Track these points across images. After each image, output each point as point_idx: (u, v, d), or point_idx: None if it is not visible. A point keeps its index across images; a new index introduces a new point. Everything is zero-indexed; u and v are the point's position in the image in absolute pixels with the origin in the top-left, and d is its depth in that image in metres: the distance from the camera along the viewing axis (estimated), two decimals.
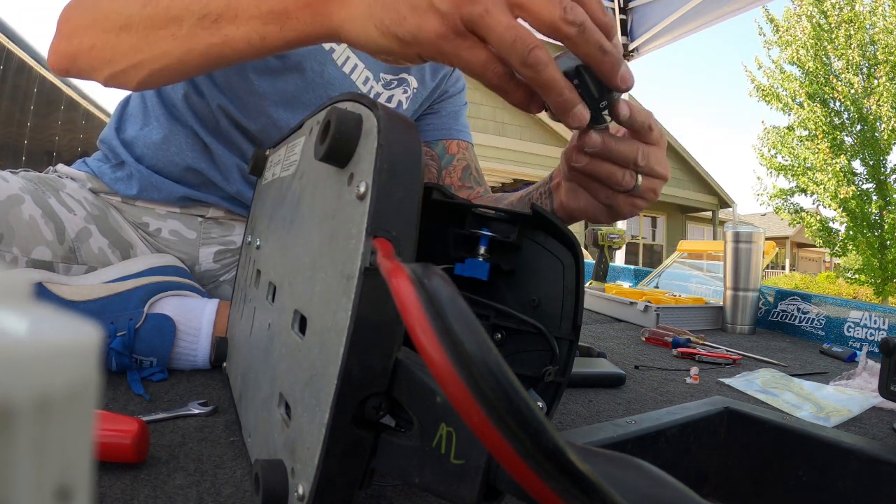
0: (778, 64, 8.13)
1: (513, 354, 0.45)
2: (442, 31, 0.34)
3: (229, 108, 0.72)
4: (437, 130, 0.89)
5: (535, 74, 0.35)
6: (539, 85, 0.35)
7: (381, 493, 0.36)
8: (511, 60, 0.34)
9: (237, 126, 0.74)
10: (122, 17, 0.48)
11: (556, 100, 0.36)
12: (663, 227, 11.56)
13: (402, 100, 0.82)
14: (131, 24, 0.48)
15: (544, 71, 0.34)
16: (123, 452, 0.36)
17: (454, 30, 0.34)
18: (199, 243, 0.79)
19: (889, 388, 0.55)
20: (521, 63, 0.34)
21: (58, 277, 0.60)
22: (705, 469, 0.44)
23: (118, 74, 0.51)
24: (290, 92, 0.73)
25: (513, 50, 0.34)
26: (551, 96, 0.36)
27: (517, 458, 0.16)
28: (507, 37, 0.33)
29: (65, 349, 0.09)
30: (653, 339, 0.98)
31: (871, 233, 7.53)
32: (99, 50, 0.51)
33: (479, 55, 0.35)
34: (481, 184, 0.89)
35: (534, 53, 0.34)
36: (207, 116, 0.73)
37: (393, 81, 0.80)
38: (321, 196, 0.32)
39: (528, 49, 0.33)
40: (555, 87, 0.35)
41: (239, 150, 0.75)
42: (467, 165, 0.88)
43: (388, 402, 0.27)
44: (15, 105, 2.82)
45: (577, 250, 0.44)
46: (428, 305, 0.18)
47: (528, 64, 0.34)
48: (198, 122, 0.74)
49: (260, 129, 0.74)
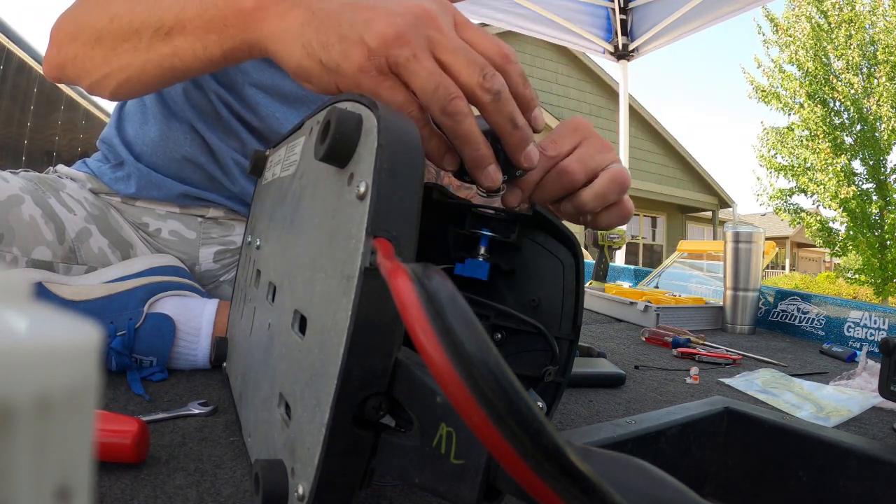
0: (778, 64, 8.13)
1: (513, 354, 0.45)
2: (365, 66, 0.34)
3: (228, 99, 0.73)
4: None
5: (453, 124, 0.34)
6: (456, 136, 0.35)
7: (381, 493, 0.36)
8: (431, 107, 0.34)
9: (238, 117, 0.74)
10: (95, 31, 0.51)
11: (472, 154, 0.35)
12: (663, 227, 11.56)
13: None
14: (102, 37, 0.51)
15: (463, 122, 0.34)
16: (123, 452, 0.36)
17: (377, 67, 0.34)
18: (199, 243, 0.79)
19: (889, 388, 0.55)
20: (441, 111, 0.33)
21: (58, 277, 0.60)
22: (705, 469, 0.44)
23: (94, 85, 0.55)
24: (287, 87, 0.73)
25: (434, 97, 0.33)
26: (467, 149, 0.35)
27: (517, 458, 0.16)
28: (429, 83, 0.33)
29: (65, 349, 0.09)
30: (653, 339, 0.98)
31: (871, 233, 7.53)
32: (80, 61, 0.54)
33: (396, 96, 0.34)
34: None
35: (454, 103, 0.33)
36: (206, 109, 0.74)
37: None
38: (321, 196, 0.32)
39: (450, 98, 0.33)
40: (472, 140, 0.34)
41: (238, 140, 0.75)
42: None
43: (388, 402, 0.27)
44: (15, 105, 2.82)
45: (577, 250, 0.44)
46: (428, 305, 0.18)
47: (448, 112, 0.33)
48: (197, 117, 0.74)
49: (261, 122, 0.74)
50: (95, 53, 0.52)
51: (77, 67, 0.54)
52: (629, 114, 3.30)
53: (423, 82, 0.33)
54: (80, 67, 0.54)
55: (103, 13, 0.50)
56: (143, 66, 0.49)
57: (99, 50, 0.51)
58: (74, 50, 0.54)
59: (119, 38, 0.49)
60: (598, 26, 3.07)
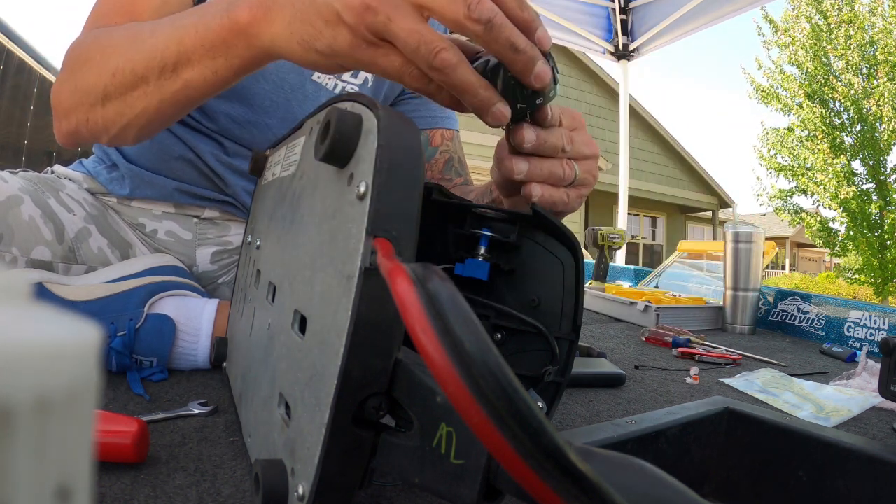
0: (777, 64, 8.13)
1: (513, 354, 0.45)
2: (354, 42, 0.34)
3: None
4: (420, 118, 0.87)
5: (444, 77, 0.34)
6: (451, 87, 0.35)
7: (381, 493, 0.36)
8: (419, 65, 0.34)
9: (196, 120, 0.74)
10: (100, 90, 0.52)
11: (472, 101, 0.35)
12: (663, 227, 11.56)
13: (368, 77, 0.82)
14: (109, 93, 0.51)
15: (453, 74, 0.34)
16: (123, 452, 0.36)
17: (364, 39, 0.34)
18: (196, 244, 0.79)
19: (889, 388, 0.55)
20: (429, 67, 0.34)
21: (57, 277, 0.60)
22: (705, 469, 0.44)
23: (115, 137, 0.55)
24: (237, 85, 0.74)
25: (417, 55, 0.33)
26: (466, 98, 0.35)
27: (517, 458, 0.16)
28: (410, 42, 0.33)
29: (65, 349, 0.09)
30: (653, 339, 0.98)
31: (871, 233, 7.53)
32: (93, 122, 0.54)
33: (392, 61, 0.35)
34: (461, 174, 0.87)
35: (440, 56, 0.33)
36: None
37: None
38: (321, 196, 0.32)
39: (434, 53, 0.33)
40: (468, 88, 0.34)
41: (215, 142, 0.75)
42: (450, 157, 0.87)
43: (388, 402, 0.27)
44: (15, 105, 2.82)
45: (577, 250, 0.44)
46: (428, 305, 0.18)
47: (436, 67, 0.33)
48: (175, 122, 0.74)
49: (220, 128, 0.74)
50: (107, 111, 0.52)
51: (92, 129, 0.55)
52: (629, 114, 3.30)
53: (404, 42, 0.33)
54: (94, 128, 0.55)
55: (103, 72, 0.51)
56: (158, 107, 0.50)
57: (110, 106, 0.52)
58: (84, 114, 0.54)
59: (127, 89, 0.50)
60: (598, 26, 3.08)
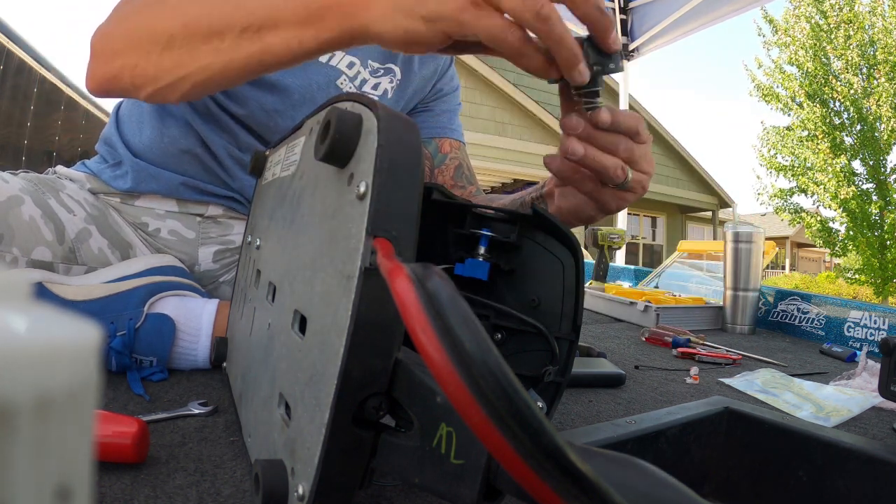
0: (778, 64, 8.13)
1: (513, 354, 0.45)
2: (462, 4, 0.38)
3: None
4: (430, 128, 0.89)
5: (548, 28, 0.37)
6: (551, 38, 0.38)
7: (381, 493, 0.36)
8: (525, 18, 0.37)
9: (224, 110, 0.74)
10: (165, 37, 0.51)
11: (566, 54, 0.39)
12: (663, 227, 11.55)
13: (388, 89, 0.83)
14: (174, 42, 0.50)
15: (557, 24, 0.38)
16: (123, 452, 0.36)
17: (472, 2, 0.38)
18: (199, 243, 0.79)
19: (889, 388, 0.55)
20: (535, 17, 0.37)
21: (58, 277, 0.60)
22: (705, 469, 0.44)
23: (162, 90, 0.53)
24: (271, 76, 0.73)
25: (525, 8, 0.37)
26: (562, 50, 0.39)
27: (517, 458, 0.16)
28: None
29: (65, 349, 0.09)
30: (653, 339, 0.98)
31: (871, 233, 7.52)
32: (142, 69, 0.53)
33: (497, 21, 0.38)
34: (473, 182, 0.89)
35: (544, 8, 0.37)
36: (197, 102, 0.74)
37: (380, 70, 0.81)
38: (321, 196, 0.32)
39: (539, 5, 0.37)
40: (565, 40, 0.38)
41: (229, 133, 0.75)
42: (459, 164, 0.89)
43: (388, 402, 0.27)
44: (15, 105, 2.82)
45: (577, 250, 0.44)
46: (428, 305, 0.18)
47: (542, 17, 0.37)
48: (190, 111, 0.74)
49: (248, 113, 0.74)
50: (164, 60, 0.51)
51: (137, 76, 0.53)
52: None
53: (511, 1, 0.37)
54: (141, 75, 0.53)
55: (173, 18, 0.50)
56: (225, 66, 0.49)
57: (169, 56, 0.51)
58: (134, 59, 0.53)
59: (198, 41, 0.49)
60: None
